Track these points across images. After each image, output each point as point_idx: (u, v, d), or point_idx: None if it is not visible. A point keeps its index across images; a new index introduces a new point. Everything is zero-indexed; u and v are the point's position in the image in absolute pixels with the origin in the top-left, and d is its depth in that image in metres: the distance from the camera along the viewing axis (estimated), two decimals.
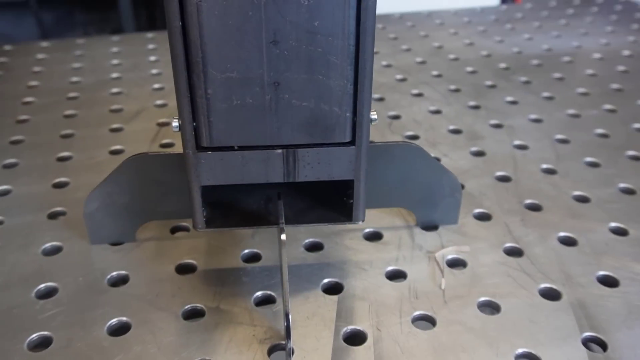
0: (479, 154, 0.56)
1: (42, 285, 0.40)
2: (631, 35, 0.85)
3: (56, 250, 0.43)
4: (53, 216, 0.47)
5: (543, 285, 0.40)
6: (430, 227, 0.46)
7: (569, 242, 0.44)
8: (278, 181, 0.36)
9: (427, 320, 0.37)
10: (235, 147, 0.35)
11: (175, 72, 0.32)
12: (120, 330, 0.37)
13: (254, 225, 0.39)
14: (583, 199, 0.49)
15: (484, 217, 0.47)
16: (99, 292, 0.40)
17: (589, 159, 0.55)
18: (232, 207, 0.40)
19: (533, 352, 0.35)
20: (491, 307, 0.39)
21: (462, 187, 0.51)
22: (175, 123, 0.34)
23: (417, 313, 0.38)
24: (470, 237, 0.45)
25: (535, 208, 0.48)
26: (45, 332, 0.36)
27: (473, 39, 0.83)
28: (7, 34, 2.17)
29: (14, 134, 0.58)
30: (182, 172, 0.36)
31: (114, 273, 0.41)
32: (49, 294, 0.40)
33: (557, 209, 0.48)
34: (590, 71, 0.73)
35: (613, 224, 0.46)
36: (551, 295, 0.39)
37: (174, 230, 0.46)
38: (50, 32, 2.20)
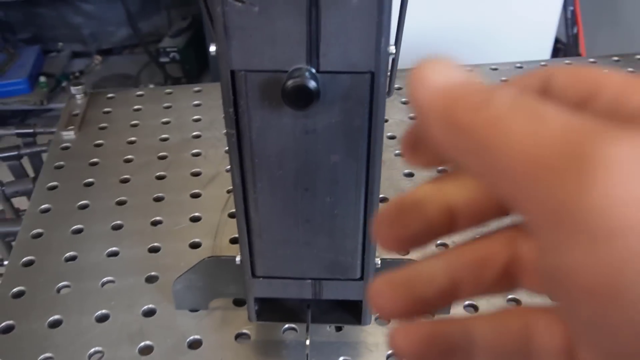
0: None
1: (143, 344, 0.57)
2: None
3: (152, 312, 0.60)
4: (149, 280, 0.64)
5: None
6: None
7: None
8: (308, 298, 0.51)
9: None
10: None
11: (240, 235, 0.47)
12: None
13: (292, 322, 0.54)
14: None
15: None
16: (181, 352, 0.56)
17: None
18: (276, 304, 0.55)
19: None
20: None
21: None
22: (238, 258, 0.49)
23: None
24: None
25: None
26: None
27: None
28: (101, 16, 2.39)
29: (118, 195, 0.75)
30: (241, 276, 0.52)
31: (191, 337, 0.58)
32: (147, 350, 0.57)
33: None
34: None
35: None
36: None
37: (235, 301, 0.61)
38: (137, 16, 2.40)
